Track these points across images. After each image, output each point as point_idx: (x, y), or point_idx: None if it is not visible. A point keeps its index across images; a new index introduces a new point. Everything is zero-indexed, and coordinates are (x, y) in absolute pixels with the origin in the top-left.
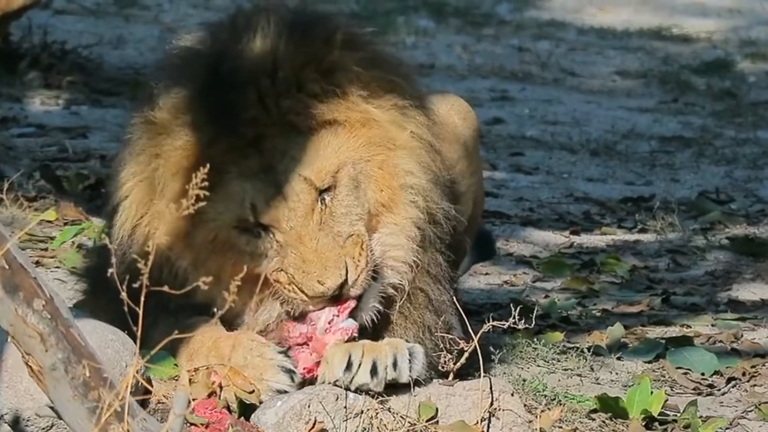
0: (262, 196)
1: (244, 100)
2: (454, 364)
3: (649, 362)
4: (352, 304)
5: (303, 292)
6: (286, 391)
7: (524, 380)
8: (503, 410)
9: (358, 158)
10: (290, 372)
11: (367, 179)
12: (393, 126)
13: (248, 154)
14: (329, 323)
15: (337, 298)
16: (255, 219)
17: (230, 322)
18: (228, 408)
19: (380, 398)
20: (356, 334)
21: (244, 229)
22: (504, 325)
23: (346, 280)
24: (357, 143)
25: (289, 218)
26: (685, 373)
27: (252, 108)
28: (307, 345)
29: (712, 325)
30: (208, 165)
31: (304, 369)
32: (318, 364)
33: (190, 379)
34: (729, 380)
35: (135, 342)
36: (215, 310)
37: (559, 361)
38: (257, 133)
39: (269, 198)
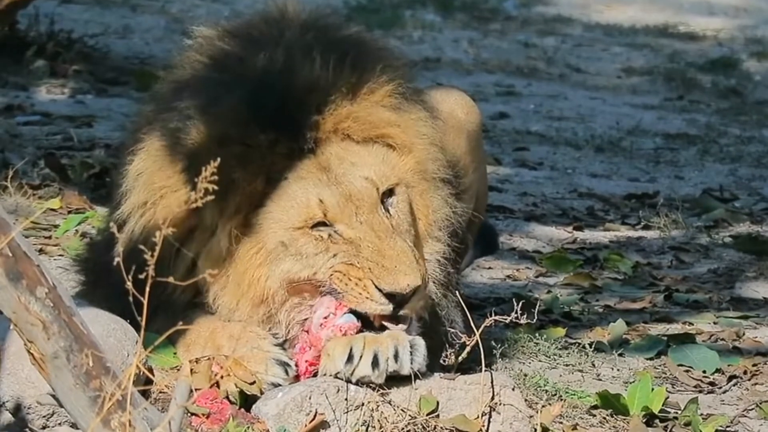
0: (328, 192)
1: (303, 107)
2: (456, 358)
3: (651, 359)
4: (401, 327)
5: (378, 288)
6: (279, 384)
7: (525, 375)
8: (504, 405)
9: (408, 182)
10: (285, 365)
11: (413, 205)
12: (424, 149)
13: (306, 157)
14: (325, 318)
15: (402, 303)
16: (324, 214)
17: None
18: (229, 398)
19: (381, 391)
20: (353, 333)
21: (307, 229)
22: (506, 319)
23: (420, 287)
24: (405, 167)
25: (358, 213)
26: (687, 371)
27: (312, 114)
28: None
29: (714, 323)
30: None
31: (306, 362)
32: (319, 358)
33: (191, 370)
34: (730, 378)
35: (137, 331)
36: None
37: (560, 356)
38: (316, 138)
39: (334, 195)
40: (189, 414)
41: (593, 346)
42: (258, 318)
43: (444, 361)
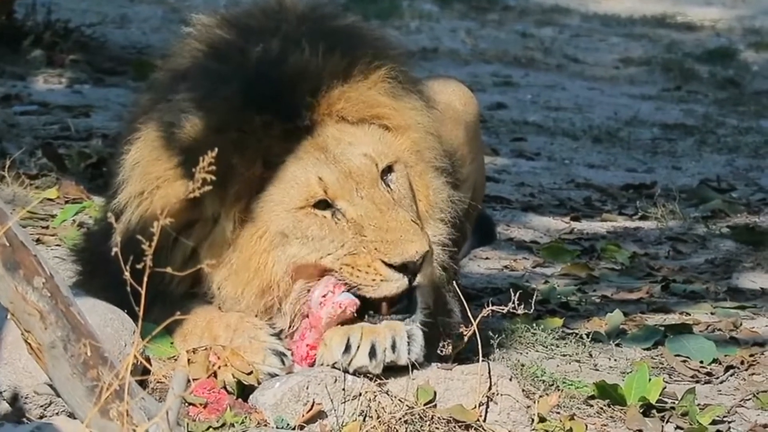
0: (327, 170)
1: (296, 90)
2: (453, 348)
3: (648, 349)
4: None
5: (388, 264)
6: (276, 374)
7: (523, 365)
8: (501, 395)
9: (405, 161)
10: (281, 355)
11: (413, 185)
12: (420, 134)
13: (303, 139)
14: (323, 297)
15: (415, 272)
16: (324, 191)
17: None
18: (226, 388)
19: (379, 381)
20: (353, 310)
21: (309, 209)
22: (503, 310)
23: (428, 252)
24: (402, 147)
25: (359, 189)
26: (684, 361)
27: (305, 96)
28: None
29: (712, 314)
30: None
31: (307, 346)
32: (320, 340)
33: (188, 360)
34: (727, 368)
35: (134, 321)
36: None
37: (557, 346)
38: (311, 119)
39: (333, 172)
40: (186, 404)
41: (590, 336)
42: (261, 308)
43: (441, 351)
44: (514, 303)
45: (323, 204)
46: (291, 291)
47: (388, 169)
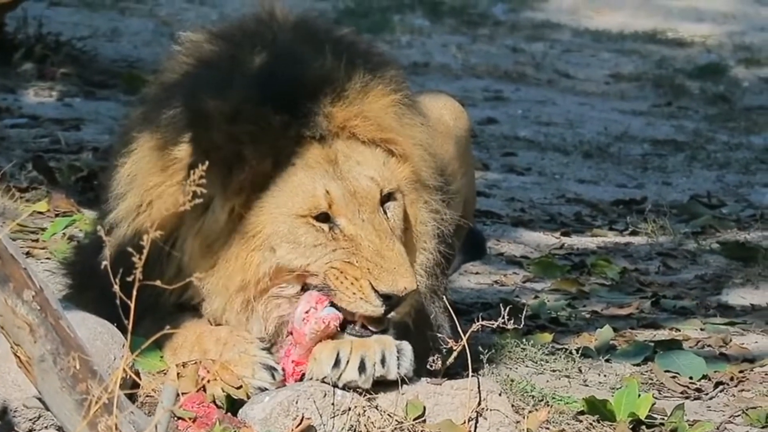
0: (335, 185)
1: (317, 95)
2: (443, 363)
3: (638, 365)
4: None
5: (375, 290)
6: (266, 388)
7: (512, 380)
8: (491, 410)
9: (403, 189)
10: (271, 369)
11: (406, 211)
12: (420, 157)
13: (315, 147)
14: (306, 313)
15: (395, 305)
16: (328, 205)
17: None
18: (215, 402)
19: (368, 395)
20: (336, 324)
21: (310, 218)
22: (493, 325)
23: (414, 291)
24: (402, 175)
25: (361, 211)
26: (674, 377)
27: (325, 103)
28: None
29: (701, 329)
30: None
31: (293, 363)
32: (305, 356)
33: (178, 374)
34: (717, 384)
35: (124, 335)
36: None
37: (547, 362)
38: (325, 130)
39: (340, 188)
40: (175, 418)
41: (580, 351)
42: (238, 306)
43: (431, 366)
44: (503, 318)
45: (324, 217)
46: (266, 292)
47: (388, 197)
